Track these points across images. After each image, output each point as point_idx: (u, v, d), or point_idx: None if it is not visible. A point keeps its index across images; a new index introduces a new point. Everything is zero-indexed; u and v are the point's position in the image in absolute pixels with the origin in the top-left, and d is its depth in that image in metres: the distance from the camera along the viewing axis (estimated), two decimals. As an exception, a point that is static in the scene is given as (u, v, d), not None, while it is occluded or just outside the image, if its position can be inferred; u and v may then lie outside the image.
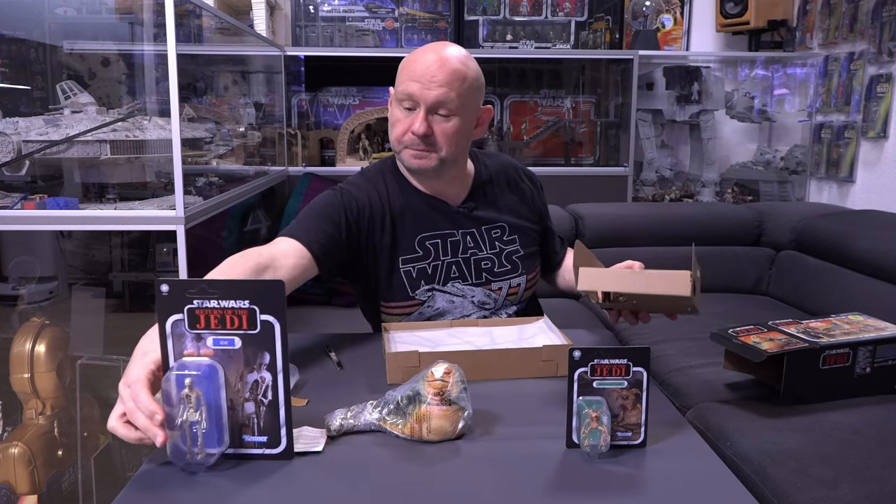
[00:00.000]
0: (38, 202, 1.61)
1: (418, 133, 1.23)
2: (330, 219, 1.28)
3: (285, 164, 2.99)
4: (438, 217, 1.36)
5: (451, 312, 1.36)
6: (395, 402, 0.95)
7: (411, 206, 1.35)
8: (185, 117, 2.01)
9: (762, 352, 1.43)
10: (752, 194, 3.26)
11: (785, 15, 3.08)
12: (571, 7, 3.32)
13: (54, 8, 2.41)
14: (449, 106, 1.24)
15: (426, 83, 1.22)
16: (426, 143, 1.25)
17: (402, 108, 1.26)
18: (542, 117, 3.36)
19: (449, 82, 1.22)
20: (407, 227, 1.34)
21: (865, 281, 2.19)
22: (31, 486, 1.72)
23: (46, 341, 1.77)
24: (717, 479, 0.86)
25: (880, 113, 2.65)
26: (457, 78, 1.23)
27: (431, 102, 1.23)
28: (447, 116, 1.25)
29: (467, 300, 1.36)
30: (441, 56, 1.24)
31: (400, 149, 1.29)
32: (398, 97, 1.27)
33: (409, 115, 1.25)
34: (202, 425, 0.83)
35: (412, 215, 1.34)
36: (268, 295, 0.83)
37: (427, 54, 1.25)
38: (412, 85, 1.23)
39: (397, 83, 1.28)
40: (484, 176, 1.43)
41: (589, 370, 0.90)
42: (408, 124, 1.25)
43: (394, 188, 1.36)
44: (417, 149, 1.26)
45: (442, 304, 1.35)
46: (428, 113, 1.24)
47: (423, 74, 1.22)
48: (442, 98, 1.23)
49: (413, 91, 1.23)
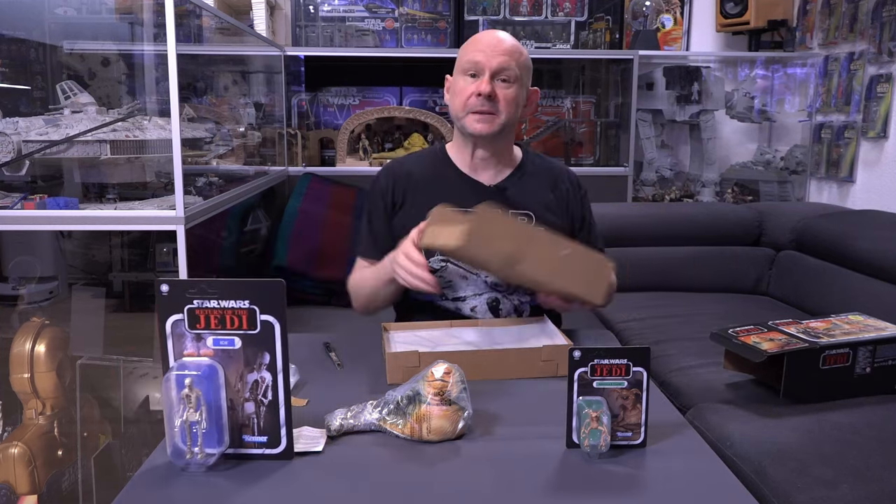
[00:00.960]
0: (38, 202, 1.61)
1: (485, 92, 1.35)
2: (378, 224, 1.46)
3: (285, 164, 2.99)
4: (467, 192, 1.42)
5: (463, 288, 1.40)
6: (395, 402, 0.95)
7: (442, 178, 1.46)
8: (185, 117, 2.01)
9: (762, 352, 1.43)
10: (752, 194, 3.26)
11: (785, 15, 3.08)
12: (571, 7, 3.32)
13: (54, 8, 2.41)
14: (509, 73, 1.37)
15: (490, 52, 1.36)
16: (490, 105, 1.36)
17: (467, 77, 1.38)
18: (543, 117, 3.36)
19: (510, 52, 1.37)
20: (430, 196, 1.39)
21: (865, 281, 2.19)
22: (31, 486, 1.72)
23: (46, 341, 1.77)
24: (717, 479, 0.86)
25: (880, 113, 2.65)
26: (516, 50, 1.39)
27: (495, 68, 1.36)
28: (508, 83, 1.37)
29: (480, 279, 1.40)
30: (498, 35, 1.41)
31: (464, 115, 1.39)
32: (463, 67, 1.39)
33: (473, 82, 1.37)
34: (202, 425, 0.83)
35: (438, 186, 1.43)
36: (268, 295, 0.83)
37: (487, 35, 1.41)
38: (478, 54, 1.37)
39: (461, 59, 1.41)
40: (528, 168, 1.50)
41: (589, 370, 0.90)
42: (473, 88, 1.36)
43: (433, 163, 1.49)
44: (481, 111, 1.37)
45: (454, 278, 1.40)
46: (491, 78, 1.36)
47: (487, 45, 1.37)
48: (504, 65, 1.36)
49: (479, 59, 1.36)
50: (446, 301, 1.40)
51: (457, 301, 1.40)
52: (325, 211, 2.63)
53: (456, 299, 1.40)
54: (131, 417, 1.86)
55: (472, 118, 1.38)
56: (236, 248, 2.50)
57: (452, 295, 1.40)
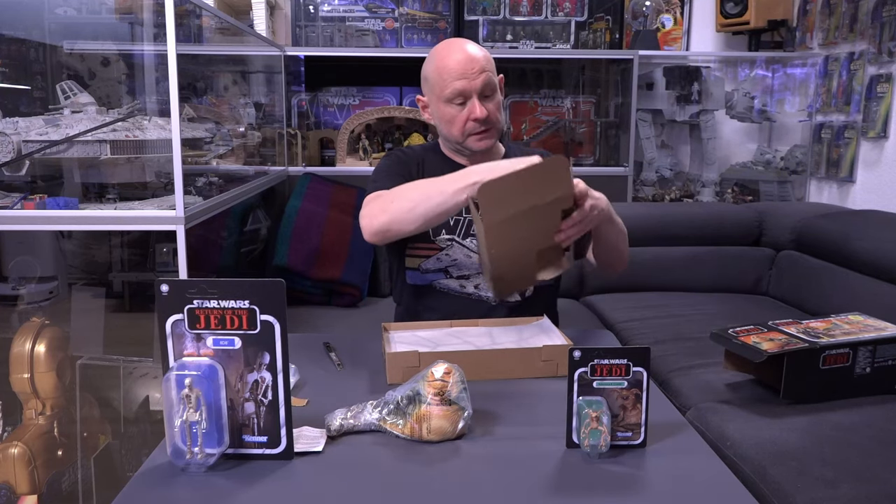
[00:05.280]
0: (38, 202, 1.61)
1: (481, 117, 1.40)
2: (404, 176, 1.45)
3: (285, 164, 2.99)
4: None
5: (468, 266, 1.44)
6: (395, 402, 0.95)
7: (443, 169, 1.47)
8: (185, 117, 2.01)
9: (762, 352, 1.43)
10: (752, 194, 3.26)
11: (785, 15, 3.08)
12: (571, 7, 3.32)
13: (54, 8, 2.41)
14: (490, 86, 1.42)
15: (470, 76, 1.39)
16: (486, 124, 1.42)
17: (454, 105, 1.42)
18: (542, 117, 3.36)
19: (483, 67, 1.40)
20: None
21: (865, 281, 2.19)
22: (31, 486, 1.72)
23: (46, 341, 1.77)
24: (717, 479, 0.86)
25: (880, 113, 2.65)
26: (485, 61, 1.42)
27: (480, 89, 1.40)
28: (491, 96, 1.43)
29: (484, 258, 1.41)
30: (465, 50, 1.42)
31: (464, 139, 1.44)
32: (447, 98, 1.41)
33: (463, 109, 1.41)
34: (202, 425, 0.83)
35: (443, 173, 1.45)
36: (268, 295, 0.84)
37: (454, 54, 1.41)
38: (458, 83, 1.39)
39: (439, 88, 1.42)
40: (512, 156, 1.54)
41: (589, 370, 0.90)
42: (466, 115, 1.41)
43: (431, 157, 1.54)
44: (480, 132, 1.43)
45: (459, 256, 1.45)
46: (479, 99, 1.41)
47: (464, 71, 1.39)
48: (485, 81, 1.40)
49: (462, 87, 1.39)
50: (450, 279, 1.45)
51: (461, 279, 1.45)
52: (325, 211, 2.63)
53: (460, 277, 1.45)
54: (131, 417, 1.86)
55: (473, 139, 1.44)
56: (236, 248, 2.50)
57: (457, 273, 1.45)
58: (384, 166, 1.51)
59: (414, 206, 1.26)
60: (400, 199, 1.29)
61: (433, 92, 1.44)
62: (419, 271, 1.47)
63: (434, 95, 1.44)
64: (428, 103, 1.49)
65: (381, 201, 1.33)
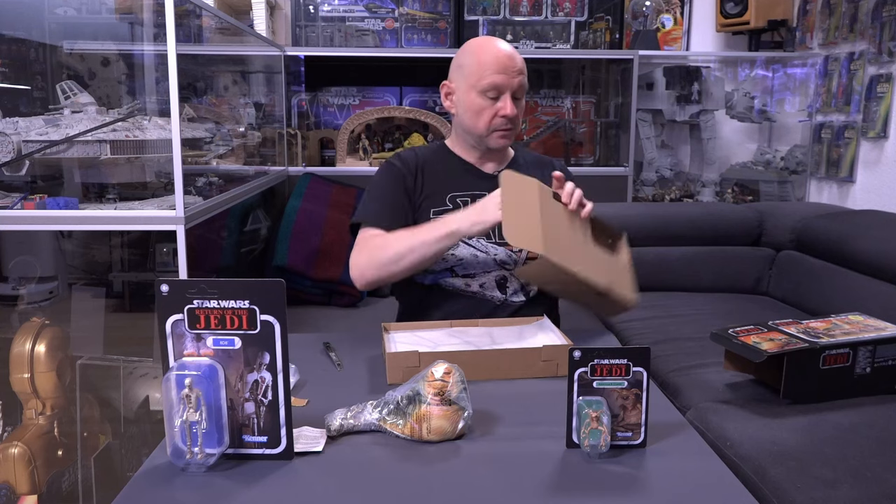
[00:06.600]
0: (38, 202, 1.61)
1: (511, 115, 1.43)
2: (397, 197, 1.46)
3: (285, 164, 2.99)
4: (473, 180, 1.51)
5: (474, 265, 1.46)
6: (395, 402, 0.95)
7: (449, 168, 1.53)
8: (185, 117, 2.01)
9: (762, 352, 1.43)
10: (752, 194, 3.26)
11: (785, 15, 3.08)
12: (571, 7, 3.32)
13: (54, 8, 2.40)
14: (523, 89, 1.46)
15: (510, 73, 1.42)
16: (512, 123, 1.46)
17: (486, 98, 1.43)
18: (542, 117, 3.36)
19: (522, 70, 1.45)
20: (441, 184, 1.49)
21: (865, 281, 2.18)
22: (31, 486, 1.72)
23: (46, 341, 1.77)
24: (717, 479, 0.86)
25: (880, 113, 2.65)
26: (523, 65, 1.46)
27: (516, 88, 1.44)
28: (521, 99, 1.47)
29: (490, 257, 1.45)
30: (507, 47, 1.45)
31: (488, 133, 1.46)
32: (482, 88, 1.42)
33: (493, 103, 1.44)
34: (202, 425, 0.83)
35: (447, 175, 1.51)
36: (268, 295, 0.84)
37: (498, 49, 1.44)
38: (497, 77, 1.42)
39: (475, 78, 1.43)
40: (520, 160, 1.60)
41: (589, 370, 0.90)
42: (495, 110, 1.44)
43: (439, 156, 1.55)
44: (505, 129, 1.46)
45: (465, 255, 1.46)
46: (511, 97, 1.44)
47: (505, 67, 1.42)
48: (522, 83, 1.45)
49: (500, 81, 1.42)
50: (455, 278, 1.45)
51: (466, 277, 1.46)
52: (325, 211, 2.63)
53: (465, 276, 1.46)
54: (131, 417, 1.86)
55: (496, 135, 1.47)
56: (236, 248, 2.50)
57: (462, 272, 1.45)
58: (378, 184, 1.50)
59: (399, 259, 1.34)
60: (386, 249, 1.36)
61: (467, 80, 1.45)
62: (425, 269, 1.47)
63: (467, 84, 1.45)
64: (455, 90, 1.49)
65: (368, 252, 1.39)
